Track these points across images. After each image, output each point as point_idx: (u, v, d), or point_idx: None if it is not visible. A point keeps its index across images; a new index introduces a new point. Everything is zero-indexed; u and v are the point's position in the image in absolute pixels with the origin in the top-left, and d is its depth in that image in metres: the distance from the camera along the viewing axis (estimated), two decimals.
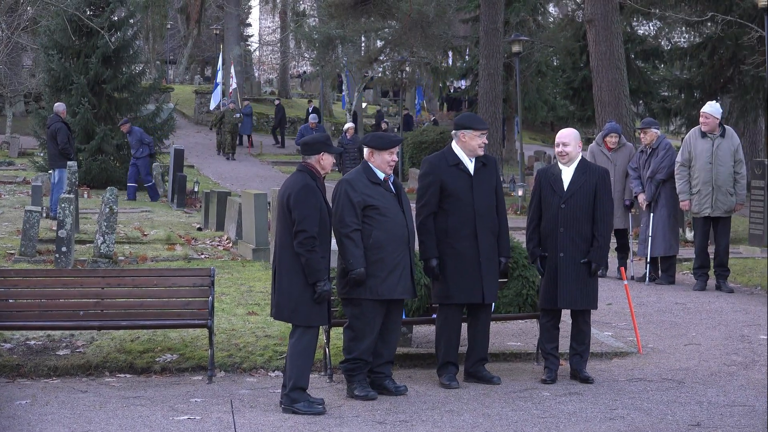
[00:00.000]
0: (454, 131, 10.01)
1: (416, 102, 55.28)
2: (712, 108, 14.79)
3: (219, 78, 46.67)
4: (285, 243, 8.96)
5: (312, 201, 8.93)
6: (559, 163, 10.14)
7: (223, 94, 48.69)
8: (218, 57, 50.24)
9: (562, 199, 9.92)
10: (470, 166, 9.83)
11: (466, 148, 9.85)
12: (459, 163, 9.82)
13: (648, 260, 15.48)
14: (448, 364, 9.81)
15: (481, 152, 9.88)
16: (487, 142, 9.98)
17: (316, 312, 9.00)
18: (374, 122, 51.02)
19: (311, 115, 31.35)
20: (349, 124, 31.81)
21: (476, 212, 9.71)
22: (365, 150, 9.64)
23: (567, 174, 10.03)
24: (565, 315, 10.36)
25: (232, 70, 50.06)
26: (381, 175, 9.48)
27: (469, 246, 9.70)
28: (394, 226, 9.37)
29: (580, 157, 10.13)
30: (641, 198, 15.33)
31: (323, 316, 9.09)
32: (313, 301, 8.93)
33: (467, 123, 9.95)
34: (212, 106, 45.79)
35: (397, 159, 9.71)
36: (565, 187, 9.97)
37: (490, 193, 9.86)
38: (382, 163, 9.50)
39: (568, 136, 10.15)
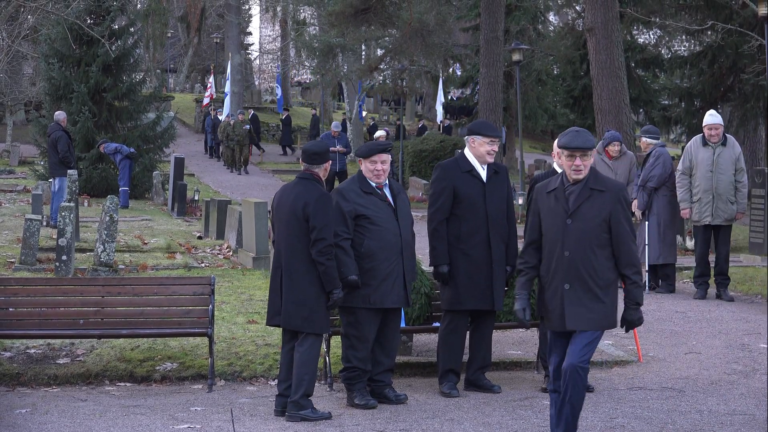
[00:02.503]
0: (466, 137, 10.05)
1: (358, 104, 54.15)
2: (717, 118, 14.83)
3: (228, 87, 45.84)
4: (297, 251, 8.96)
5: (330, 210, 9.03)
6: (558, 168, 10.11)
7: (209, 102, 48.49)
8: (226, 66, 49.52)
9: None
10: (483, 173, 9.84)
11: (476, 154, 9.87)
12: (472, 169, 9.83)
13: (646, 268, 15.49)
14: (449, 372, 9.81)
15: (489, 159, 9.88)
16: (496, 149, 9.96)
17: (326, 320, 9.16)
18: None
19: (334, 123, 30.86)
20: (380, 133, 30.34)
21: (489, 218, 9.73)
22: (360, 160, 9.66)
23: None
24: None
25: (212, 80, 49.88)
26: (373, 184, 9.49)
27: (481, 252, 9.71)
28: (387, 234, 9.38)
29: None
30: (634, 206, 15.35)
31: (329, 323, 9.29)
32: (326, 309, 9.06)
33: (477, 129, 9.97)
34: (223, 116, 44.59)
35: (383, 167, 9.55)
36: None
37: (502, 200, 9.88)
38: (367, 171, 9.52)
39: None
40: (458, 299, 9.75)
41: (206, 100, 48.55)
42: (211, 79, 50.40)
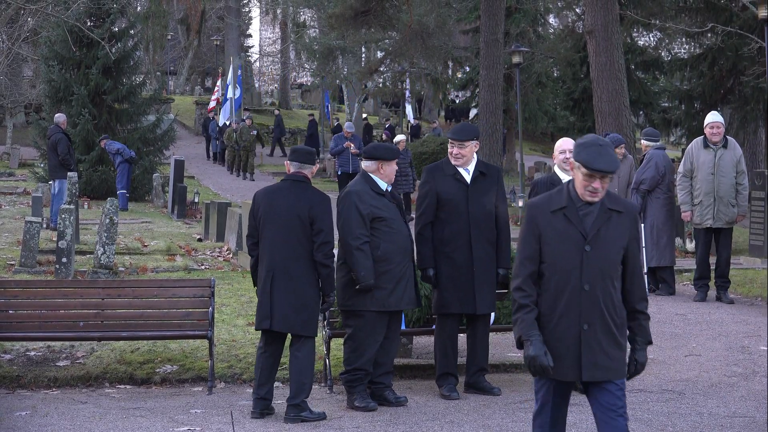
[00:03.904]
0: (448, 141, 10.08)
1: (325, 105, 53.54)
2: (719, 116, 14.86)
3: (230, 92, 44.82)
4: (297, 253, 8.95)
5: (331, 213, 9.06)
6: (559, 172, 10.08)
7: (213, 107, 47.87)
8: (228, 69, 48.63)
9: None
10: (467, 175, 9.84)
11: (452, 157, 9.89)
12: (456, 172, 9.84)
13: (645, 271, 15.48)
14: (447, 374, 9.81)
15: (456, 162, 9.85)
16: (463, 152, 9.86)
17: (318, 322, 9.19)
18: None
19: (347, 123, 30.57)
20: (400, 137, 28.53)
21: (471, 221, 9.71)
22: (371, 162, 9.59)
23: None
24: None
25: (219, 83, 48.77)
26: (383, 186, 9.51)
27: (463, 255, 9.71)
28: (400, 237, 9.42)
29: None
30: None
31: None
32: (320, 311, 9.15)
33: (450, 133, 10.04)
34: (221, 121, 43.34)
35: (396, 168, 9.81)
36: None
37: (489, 202, 9.84)
38: (391, 173, 9.57)
39: (573, 144, 10.11)
40: (443, 303, 9.77)
41: (213, 104, 47.34)
42: (219, 82, 49.41)
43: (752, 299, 15.11)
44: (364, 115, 51.88)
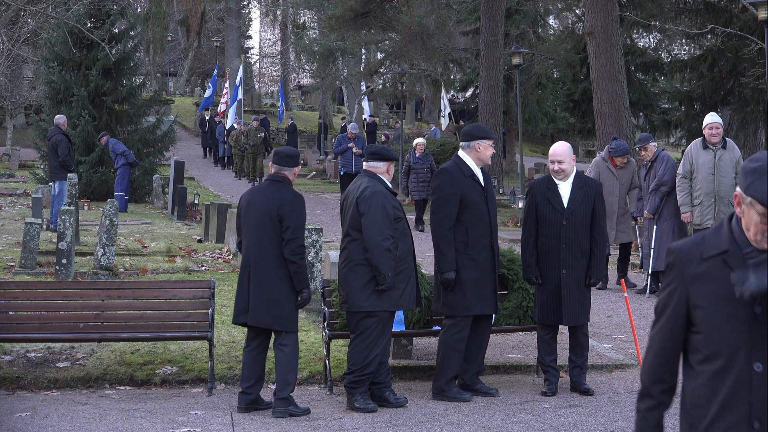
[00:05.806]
0: (467, 142, 9.92)
1: (279, 104, 53.09)
2: (717, 117, 14.90)
3: (239, 93, 44.07)
4: (267, 250, 9.17)
5: (303, 211, 9.24)
6: (554, 178, 10.07)
7: (208, 107, 47.55)
8: (234, 70, 48.07)
9: (564, 216, 9.86)
10: (480, 177, 9.86)
11: (479, 158, 9.87)
12: (473, 174, 9.84)
13: (649, 272, 15.49)
14: (456, 378, 9.79)
15: (490, 162, 10.00)
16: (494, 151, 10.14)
17: (297, 317, 9.35)
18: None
19: (351, 124, 30.39)
20: (419, 140, 26.21)
21: (491, 223, 9.77)
22: (382, 163, 9.62)
23: (565, 189, 9.96)
24: (563, 327, 10.35)
25: (227, 85, 48.19)
26: (390, 186, 9.59)
27: (487, 257, 9.73)
28: (409, 238, 9.56)
29: (575, 172, 10.08)
30: (647, 212, 15.36)
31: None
32: (295, 308, 9.28)
33: (482, 133, 9.95)
34: (228, 124, 42.66)
35: None
36: (566, 204, 9.91)
37: (495, 203, 9.95)
38: (392, 174, 9.64)
39: (562, 153, 10.02)
40: (466, 305, 9.69)
41: (223, 107, 46.47)
42: (227, 84, 48.66)
43: None
44: (364, 117, 51.81)
